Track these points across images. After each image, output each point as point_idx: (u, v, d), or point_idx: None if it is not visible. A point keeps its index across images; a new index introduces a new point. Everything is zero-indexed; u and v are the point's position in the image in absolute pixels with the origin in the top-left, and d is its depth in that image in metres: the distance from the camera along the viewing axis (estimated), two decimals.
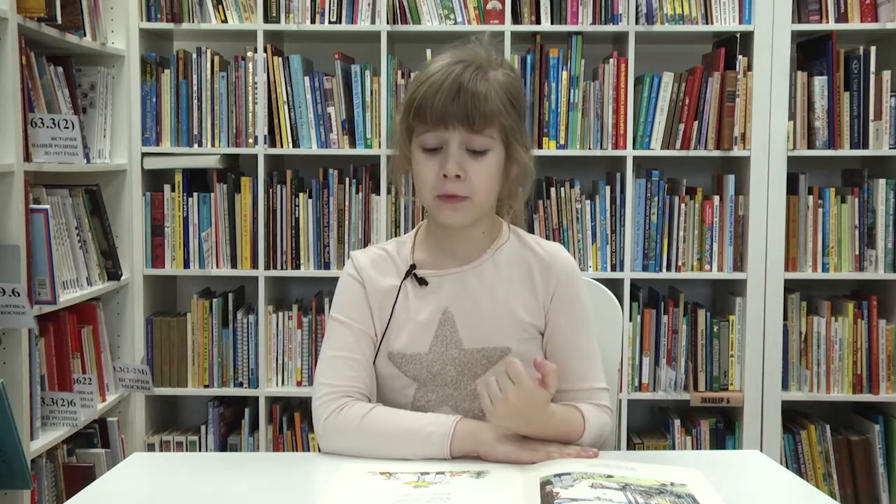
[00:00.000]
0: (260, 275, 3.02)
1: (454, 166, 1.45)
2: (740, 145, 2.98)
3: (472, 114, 1.44)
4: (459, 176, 1.46)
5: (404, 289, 1.55)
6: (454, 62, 1.47)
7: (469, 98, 1.44)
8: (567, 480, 1.26)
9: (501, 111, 1.47)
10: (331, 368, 1.52)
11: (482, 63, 1.48)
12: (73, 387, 2.60)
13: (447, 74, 1.45)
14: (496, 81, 1.48)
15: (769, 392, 3.00)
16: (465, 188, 1.47)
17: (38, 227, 2.40)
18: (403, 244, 1.61)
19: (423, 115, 1.46)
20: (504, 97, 1.48)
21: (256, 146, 3.00)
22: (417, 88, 1.48)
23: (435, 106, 1.44)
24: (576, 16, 2.98)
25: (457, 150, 1.46)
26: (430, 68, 1.49)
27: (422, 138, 1.48)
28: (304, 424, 3.06)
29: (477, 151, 1.47)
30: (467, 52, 1.50)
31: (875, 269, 3.01)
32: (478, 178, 1.47)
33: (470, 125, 1.45)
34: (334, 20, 2.98)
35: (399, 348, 1.55)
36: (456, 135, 1.45)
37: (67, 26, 2.60)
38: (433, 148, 1.47)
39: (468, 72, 1.45)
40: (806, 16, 2.98)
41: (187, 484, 1.39)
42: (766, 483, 1.43)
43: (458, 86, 1.44)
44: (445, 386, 1.54)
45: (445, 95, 1.44)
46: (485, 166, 1.48)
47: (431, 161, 1.47)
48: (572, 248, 3.01)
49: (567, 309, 1.55)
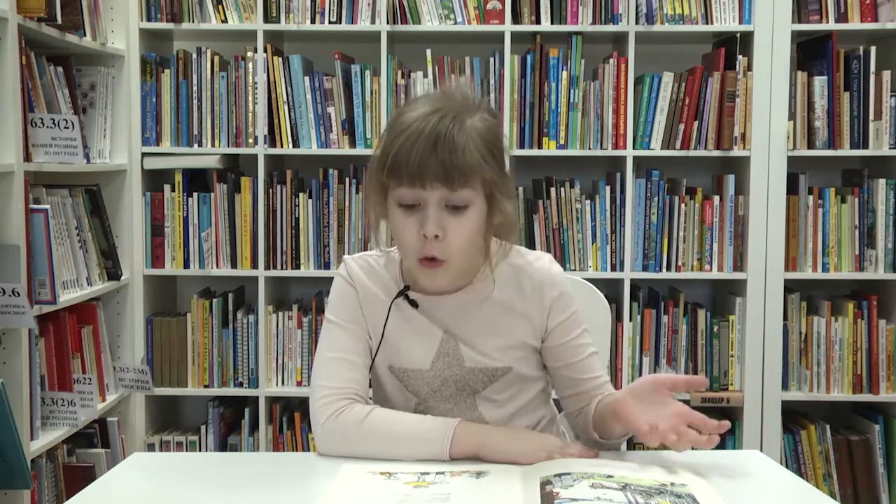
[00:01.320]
0: (260, 275, 3.02)
1: (433, 226, 1.38)
2: (740, 145, 2.98)
3: (450, 170, 1.36)
4: (438, 236, 1.39)
5: (396, 306, 1.54)
6: (430, 112, 1.39)
7: (446, 153, 1.36)
8: (567, 480, 1.26)
9: (481, 164, 1.39)
10: (328, 370, 1.52)
11: (459, 110, 1.40)
12: (73, 387, 2.60)
13: (423, 127, 1.37)
14: (474, 130, 1.40)
15: (769, 392, 3.00)
16: (443, 250, 1.41)
17: (38, 227, 2.40)
18: (392, 261, 1.56)
19: (398, 172, 1.38)
20: (483, 148, 1.40)
21: (256, 146, 3.00)
22: (392, 141, 1.39)
23: (411, 163, 1.36)
24: (576, 16, 2.98)
25: (435, 208, 1.39)
26: (404, 118, 1.40)
27: (398, 195, 1.41)
28: (304, 424, 3.06)
29: (457, 207, 1.40)
30: (444, 99, 1.42)
31: (875, 269, 3.01)
32: (456, 237, 1.40)
33: (449, 183, 1.37)
34: (334, 20, 2.98)
35: (399, 363, 1.55)
36: (434, 193, 1.38)
37: (67, 26, 2.59)
38: (410, 205, 1.40)
39: (445, 122, 1.37)
40: (806, 16, 2.98)
41: (187, 484, 1.39)
42: (766, 483, 1.42)
43: (435, 139, 1.36)
44: (445, 401, 1.54)
45: (422, 151, 1.36)
46: (464, 224, 1.40)
47: (410, 219, 1.41)
48: (572, 247, 3.01)
49: (566, 320, 1.55)
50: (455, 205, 1.40)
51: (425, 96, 1.49)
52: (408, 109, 1.43)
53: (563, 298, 1.55)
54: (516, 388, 1.56)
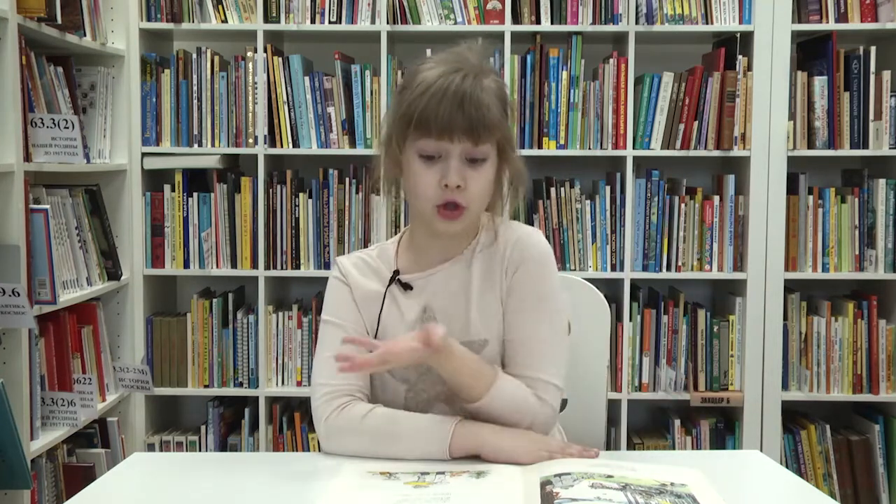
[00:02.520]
0: (260, 275, 3.02)
1: (456, 177, 1.46)
2: (740, 145, 2.98)
3: (477, 126, 1.45)
4: (460, 186, 1.46)
5: (390, 294, 1.56)
6: (452, 70, 1.46)
7: (473, 109, 1.44)
8: (567, 480, 1.26)
9: (501, 121, 1.49)
10: (328, 369, 1.52)
11: (477, 70, 1.48)
12: (73, 387, 2.60)
13: (448, 83, 1.45)
14: (491, 90, 1.48)
15: (769, 392, 3.00)
16: (464, 197, 1.48)
17: (38, 227, 2.40)
18: (386, 251, 1.61)
19: (426, 125, 1.45)
20: (500, 106, 1.49)
21: (256, 146, 3.00)
22: (416, 99, 1.46)
23: (440, 117, 1.44)
24: (576, 16, 2.98)
25: (458, 160, 1.46)
26: (426, 75, 1.47)
27: (421, 146, 1.47)
28: (304, 424, 3.06)
29: (475, 160, 1.48)
30: (460, 58, 1.50)
31: (875, 269, 3.01)
32: (476, 187, 1.48)
33: (474, 137, 1.45)
34: (334, 20, 2.99)
35: None
36: (458, 146, 1.46)
37: (67, 26, 2.60)
38: (431, 156, 1.47)
39: (468, 81, 1.45)
40: (806, 16, 2.98)
41: (187, 484, 1.39)
42: (766, 483, 1.43)
43: (462, 96, 1.44)
44: (435, 384, 1.54)
45: (449, 106, 1.44)
46: (483, 175, 1.49)
47: (431, 170, 1.47)
48: (572, 247, 3.01)
49: (523, 290, 1.53)
50: (475, 157, 1.48)
51: (438, 57, 1.53)
52: (425, 68, 1.50)
53: (530, 263, 1.53)
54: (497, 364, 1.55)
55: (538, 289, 1.54)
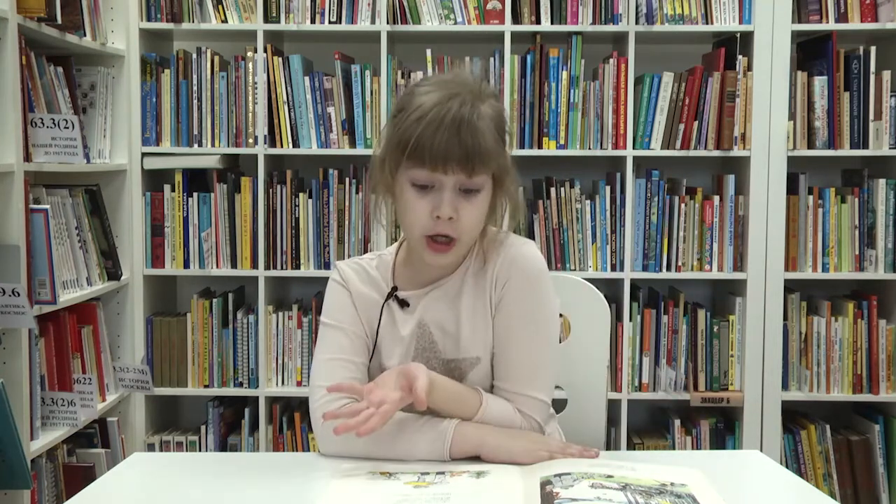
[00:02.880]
0: (260, 275, 3.02)
1: (448, 209, 1.42)
2: (740, 145, 2.98)
3: (472, 158, 1.41)
4: (452, 218, 1.43)
5: (388, 308, 1.56)
6: (449, 97, 1.42)
7: (469, 140, 1.40)
8: (567, 480, 1.26)
9: (497, 151, 1.45)
10: (327, 371, 1.52)
11: (474, 95, 1.44)
12: (73, 387, 2.60)
13: (444, 112, 1.40)
14: (488, 116, 1.44)
15: (769, 392, 3.00)
16: (455, 229, 1.44)
17: (38, 227, 2.40)
18: (385, 262, 1.59)
19: (420, 155, 1.41)
20: (496, 134, 1.45)
21: (256, 146, 3.00)
22: (411, 126, 1.41)
23: (433, 150, 1.39)
24: (576, 16, 2.98)
25: (451, 192, 1.43)
26: (422, 100, 1.43)
27: (414, 175, 1.43)
28: (304, 424, 3.06)
29: (469, 191, 1.44)
30: (458, 82, 1.45)
31: (875, 269, 3.01)
32: (468, 219, 1.44)
33: (469, 170, 1.41)
34: (334, 20, 2.99)
35: (387, 364, 1.55)
36: (453, 178, 1.42)
37: (67, 26, 2.60)
38: (424, 185, 1.43)
39: (465, 109, 1.41)
40: (806, 16, 2.98)
41: (187, 484, 1.39)
42: (766, 483, 1.43)
43: (458, 126, 1.40)
44: None
45: (444, 139, 1.39)
46: (476, 206, 1.45)
47: (423, 199, 1.44)
48: (572, 247, 3.01)
49: (512, 305, 1.51)
50: (468, 188, 1.44)
51: (436, 79, 1.49)
52: (422, 91, 1.45)
53: (520, 277, 1.51)
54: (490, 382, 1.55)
55: (527, 304, 1.51)
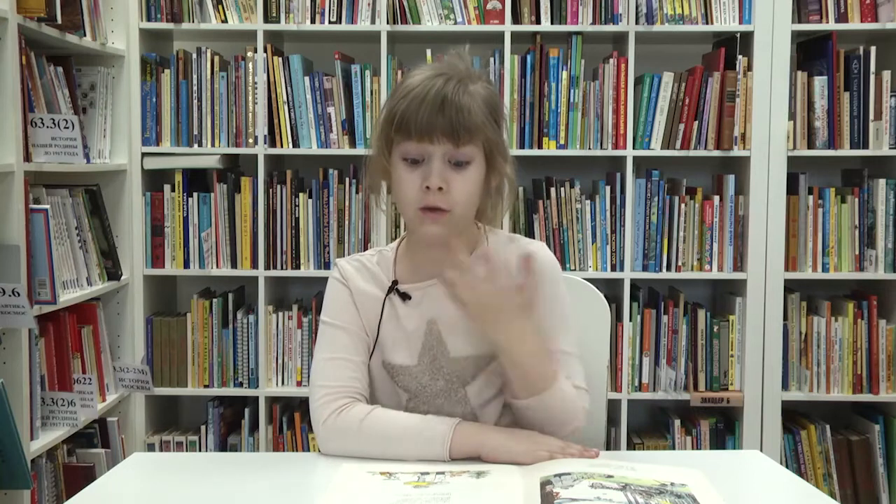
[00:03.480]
0: (260, 275, 3.02)
1: (437, 179, 1.44)
2: (740, 145, 2.98)
3: (457, 127, 1.44)
4: (442, 188, 1.45)
5: (389, 303, 1.56)
6: (435, 75, 1.47)
7: (454, 112, 1.44)
8: (567, 480, 1.26)
9: (485, 124, 1.47)
10: (328, 370, 1.52)
11: (463, 76, 1.48)
12: (73, 387, 2.60)
13: (430, 87, 1.45)
14: (478, 95, 1.47)
15: (769, 392, 3.00)
16: (446, 200, 1.46)
17: (38, 227, 2.40)
18: (385, 257, 1.60)
19: (406, 127, 1.45)
20: (486, 110, 1.48)
21: (256, 146, 3.00)
22: (400, 101, 1.46)
23: (419, 119, 1.44)
24: (576, 16, 2.98)
25: (440, 162, 1.45)
26: (410, 80, 1.48)
27: (404, 149, 1.47)
28: (304, 424, 3.06)
29: (459, 163, 1.46)
30: (447, 66, 1.50)
31: (875, 269, 3.00)
32: (459, 191, 1.46)
33: (455, 139, 1.44)
34: (334, 20, 2.99)
35: (391, 360, 1.55)
36: (440, 148, 1.45)
37: (67, 26, 2.59)
38: (414, 159, 1.47)
39: (451, 84, 1.45)
40: (806, 16, 2.99)
41: (187, 484, 1.39)
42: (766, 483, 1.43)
43: (443, 99, 1.44)
44: (436, 397, 1.54)
45: (430, 109, 1.44)
46: (466, 178, 1.47)
47: (413, 173, 1.46)
48: (572, 247, 3.01)
49: (544, 307, 1.53)
50: (458, 160, 1.46)
51: (428, 64, 1.53)
52: (412, 74, 1.50)
53: (543, 278, 1.53)
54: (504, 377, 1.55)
55: (557, 302, 1.55)
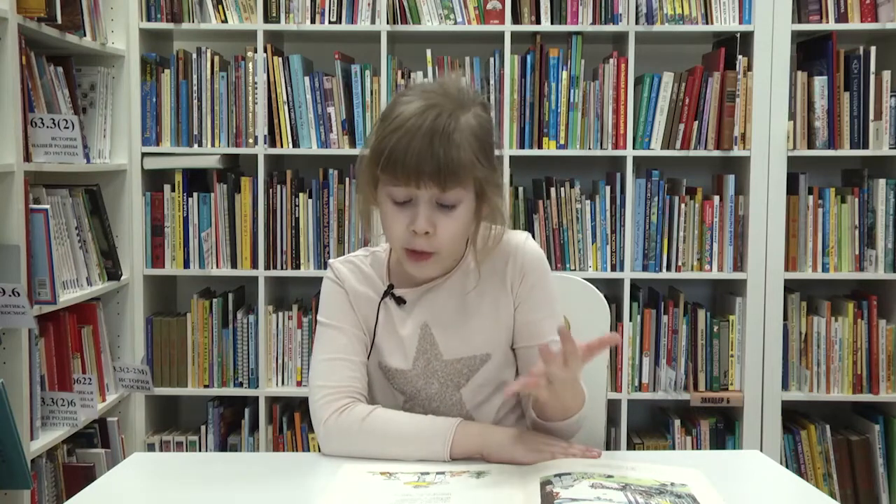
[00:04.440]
0: (260, 275, 3.02)
1: (424, 223, 1.41)
2: (740, 145, 2.98)
3: (444, 173, 1.38)
4: (428, 232, 1.42)
5: (384, 306, 1.55)
6: (426, 107, 1.40)
7: (441, 155, 1.37)
8: (567, 480, 1.26)
9: (474, 164, 1.41)
10: (327, 371, 1.52)
11: (454, 107, 1.41)
12: (73, 387, 2.60)
13: (419, 124, 1.38)
14: (468, 128, 1.41)
15: (769, 392, 3.00)
16: (432, 244, 1.44)
17: (38, 227, 2.40)
18: (378, 259, 1.59)
19: (392, 170, 1.40)
20: (476, 145, 1.42)
21: (256, 146, 3.00)
22: (387, 136, 1.41)
23: (406, 162, 1.38)
24: (576, 16, 2.98)
25: (426, 207, 1.41)
26: (399, 111, 1.41)
27: (390, 191, 1.43)
28: (304, 424, 3.06)
29: (447, 205, 1.43)
30: (439, 92, 1.43)
31: (875, 269, 3.00)
32: (446, 233, 1.43)
33: (441, 183, 1.39)
34: (334, 20, 2.99)
35: (387, 363, 1.55)
36: (426, 192, 1.40)
37: (67, 26, 2.59)
38: (402, 201, 1.43)
39: (441, 121, 1.38)
40: (806, 16, 2.99)
41: (187, 484, 1.39)
42: (766, 483, 1.42)
43: (430, 140, 1.37)
44: (431, 400, 1.55)
45: (417, 151, 1.37)
46: (454, 220, 1.43)
47: (401, 214, 1.43)
48: (572, 247, 3.01)
49: (534, 298, 1.54)
50: (445, 203, 1.43)
51: (421, 87, 1.49)
52: (403, 101, 1.44)
53: (534, 272, 1.54)
54: (500, 378, 1.56)
55: (547, 294, 1.55)
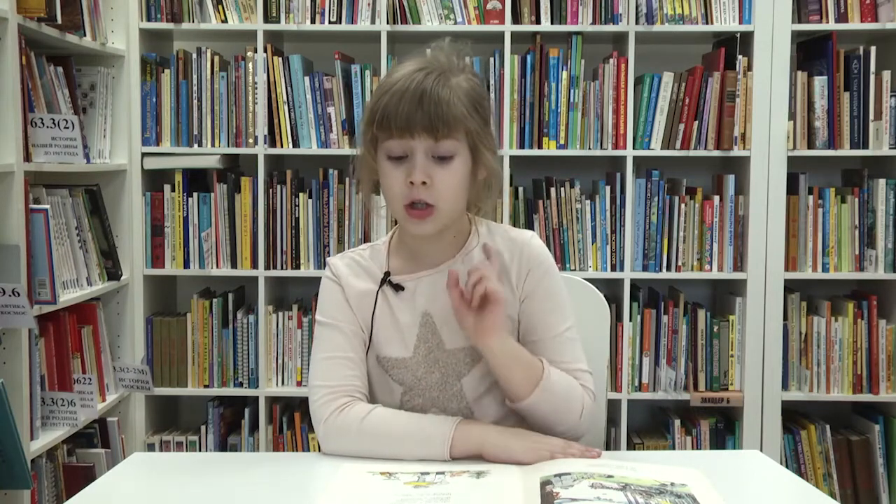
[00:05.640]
0: (260, 275, 3.02)
1: (420, 173, 1.44)
2: (740, 145, 2.98)
3: (436, 121, 1.43)
4: (426, 182, 1.45)
5: (382, 294, 1.56)
6: (416, 70, 1.47)
7: (432, 105, 1.43)
8: (567, 480, 1.26)
9: (466, 116, 1.46)
10: (326, 370, 1.53)
11: (444, 69, 1.48)
12: (73, 387, 2.60)
13: (409, 82, 1.45)
14: (459, 87, 1.47)
15: (769, 392, 3.00)
16: (431, 195, 1.46)
17: (38, 227, 2.40)
18: (378, 251, 1.61)
19: (387, 124, 1.45)
20: (468, 102, 1.47)
21: (256, 146, 3.00)
22: (380, 98, 1.47)
23: (399, 115, 1.44)
24: (576, 16, 2.98)
25: (422, 157, 1.45)
26: (392, 77, 1.48)
27: (387, 147, 1.47)
28: (304, 424, 3.06)
29: (443, 158, 1.46)
30: (429, 59, 1.50)
31: (875, 269, 3.00)
32: (443, 185, 1.46)
33: (434, 133, 1.44)
34: (334, 20, 2.99)
35: (385, 353, 1.56)
36: (421, 142, 1.44)
37: (67, 26, 2.60)
38: (399, 156, 1.47)
39: (430, 79, 1.45)
40: (806, 16, 2.99)
41: (187, 484, 1.39)
42: (766, 483, 1.43)
43: (421, 93, 1.44)
44: (431, 389, 1.54)
45: (408, 104, 1.44)
46: (451, 172, 1.47)
47: (398, 170, 1.47)
48: (572, 247, 3.01)
49: (539, 292, 1.55)
50: (441, 155, 1.46)
51: (413, 58, 1.53)
52: (395, 70, 1.51)
53: (540, 267, 1.56)
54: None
55: (555, 289, 1.56)
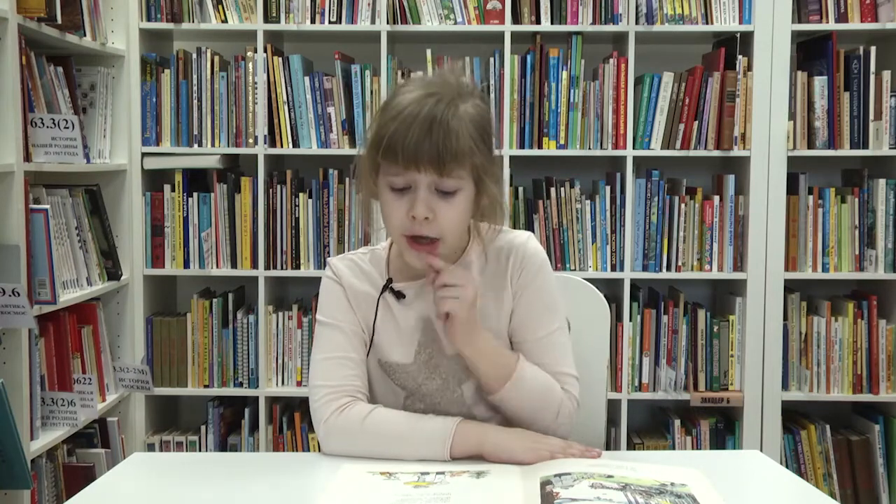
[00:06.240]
0: (260, 275, 3.02)
1: (423, 209, 1.41)
2: (740, 145, 2.98)
3: (443, 157, 1.39)
4: (428, 218, 1.42)
5: (384, 301, 1.55)
6: (425, 95, 1.41)
7: (440, 140, 1.38)
8: (567, 480, 1.26)
9: (472, 150, 1.42)
10: (327, 370, 1.52)
11: (453, 95, 1.43)
12: (73, 387, 2.60)
13: (418, 111, 1.40)
14: (467, 116, 1.42)
15: (769, 392, 3.00)
16: (433, 229, 1.44)
17: (38, 227, 2.40)
18: (378, 256, 1.59)
19: (392, 155, 1.40)
20: (475, 133, 1.43)
21: (256, 146, 3.00)
22: (386, 124, 1.42)
23: (406, 147, 1.39)
24: (576, 16, 2.98)
25: (425, 191, 1.41)
26: (400, 99, 1.43)
27: (390, 179, 1.43)
28: (304, 424, 3.06)
29: (446, 192, 1.43)
30: (439, 82, 1.45)
31: (875, 269, 3.00)
32: (446, 219, 1.43)
33: (440, 168, 1.40)
34: (334, 20, 2.99)
35: (387, 358, 1.56)
36: (426, 176, 1.41)
37: (67, 26, 2.60)
38: (401, 188, 1.43)
39: (440, 107, 1.40)
40: (806, 16, 2.99)
41: (187, 484, 1.39)
42: (766, 483, 1.43)
43: (429, 125, 1.38)
44: (432, 394, 1.55)
45: (416, 136, 1.38)
46: (454, 207, 1.44)
47: (400, 201, 1.43)
48: (572, 247, 3.01)
49: (529, 291, 1.54)
50: (444, 189, 1.43)
51: (420, 79, 1.50)
52: (403, 91, 1.45)
53: (532, 266, 1.54)
54: None
55: (546, 290, 1.55)
